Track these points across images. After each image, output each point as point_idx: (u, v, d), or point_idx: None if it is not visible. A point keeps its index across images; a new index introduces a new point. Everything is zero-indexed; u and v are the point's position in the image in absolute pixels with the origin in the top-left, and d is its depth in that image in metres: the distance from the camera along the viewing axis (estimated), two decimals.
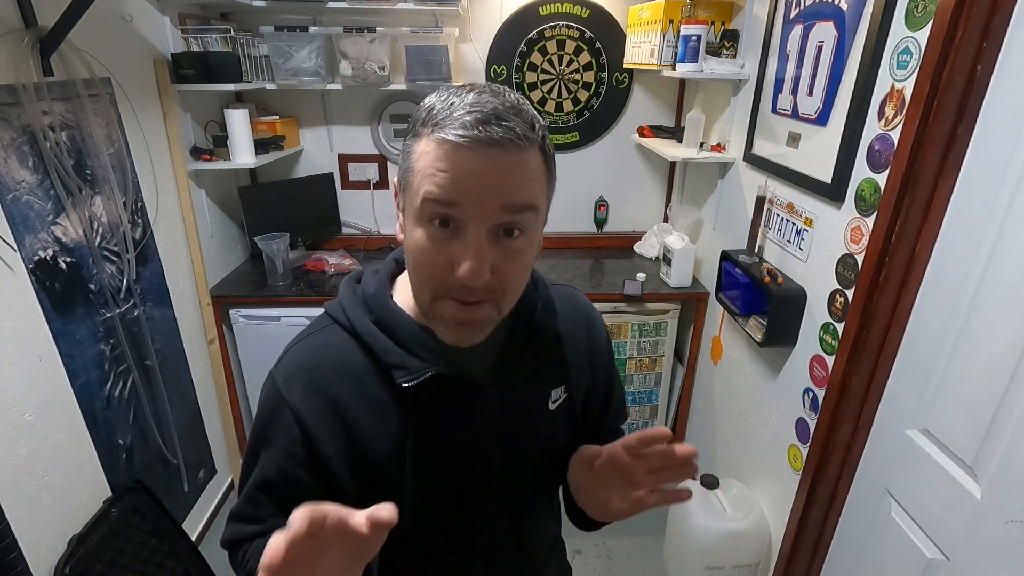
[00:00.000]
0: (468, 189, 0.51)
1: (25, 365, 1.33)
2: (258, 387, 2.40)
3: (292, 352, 0.68)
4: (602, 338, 0.80)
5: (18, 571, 1.25)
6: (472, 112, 0.50)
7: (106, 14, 1.62)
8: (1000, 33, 1.01)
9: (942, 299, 1.15)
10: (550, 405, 0.72)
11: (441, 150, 0.51)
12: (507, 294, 0.57)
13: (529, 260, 0.58)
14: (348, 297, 0.68)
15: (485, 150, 0.50)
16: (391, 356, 0.62)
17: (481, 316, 0.57)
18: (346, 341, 0.65)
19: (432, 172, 0.51)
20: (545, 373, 0.72)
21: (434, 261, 0.54)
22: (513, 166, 0.52)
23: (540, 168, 0.55)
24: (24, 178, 1.33)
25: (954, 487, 1.11)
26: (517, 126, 0.51)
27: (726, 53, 1.95)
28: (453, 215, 0.52)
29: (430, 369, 0.61)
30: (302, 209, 2.52)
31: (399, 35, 2.19)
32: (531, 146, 0.53)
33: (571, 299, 0.78)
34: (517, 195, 0.53)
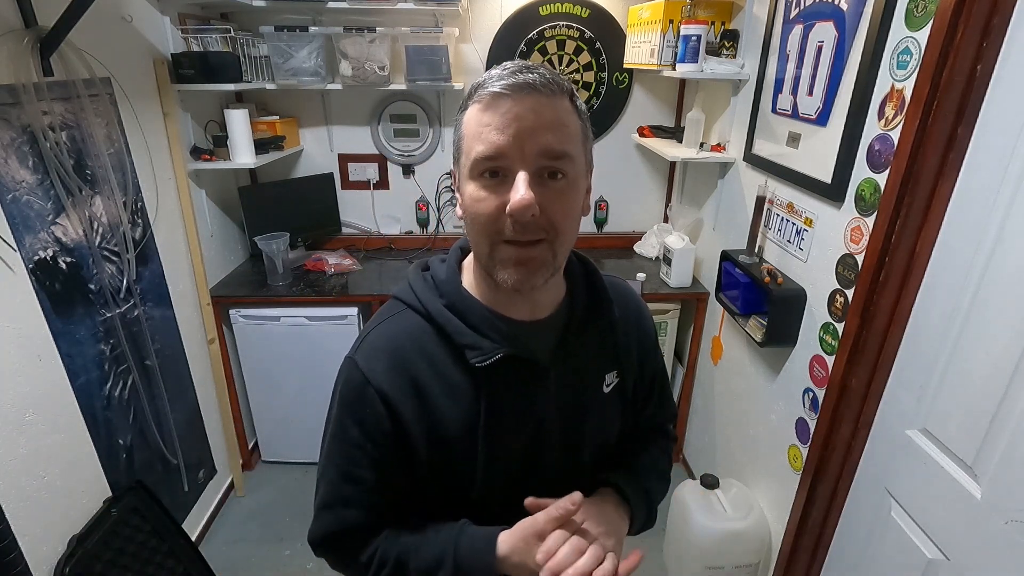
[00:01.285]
0: (509, 137, 0.57)
1: (25, 365, 1.33)
2: (258, 387, 2.39)
3: (371, 336, 0.71)
4: (650, 329, 0.85)
5: (18, 571, 1.25)
6: (506, 69, 0.59)
7: (106, 14, 1.62)
8: (1000, 33, 1.01)
9: (942, 299, 1.15)
10: (604, 388, 0.77)
11: (484, 106, 0.58)
12: (559, 234, 0.61)
13: (575, 202, 0.63)
14: (419, 283, 0.72)
15: (520, 94, 0.57)
16: (465, 337, 0.66)
17: (537, 255, 0.61)
18: (420, 324, 0.69)
19: (478, 131, 0.59)
20: (600, 357, 0.76)
21: (488, 208, 0.59)
22: (547, 107, 0.58)
23: (571, 115, 0.61)
24: (24, 178, 1.33)
25: (954, 487, 1.11)
26: (547, 73, 0.59)
27: (726, 53, 1.95)
28: (501, 166, 0.58)
29: (501, 350, 0.65)
30: (302, 209, 2.52)
31: (399, 35, 2.19)
32: (561, 92, 0.59)
33: (622, 289, 0.83)
34: (552, 140, 0.58)
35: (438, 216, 2.68)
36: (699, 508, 1.77)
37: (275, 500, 2.36)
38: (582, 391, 0.74)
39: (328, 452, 0.73)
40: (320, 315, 2.21)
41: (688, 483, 1.93)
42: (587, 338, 0.74)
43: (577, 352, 0.73)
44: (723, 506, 1.79)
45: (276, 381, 2.34)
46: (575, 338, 0.72)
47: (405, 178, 2.62)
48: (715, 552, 1.73)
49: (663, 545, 2.04)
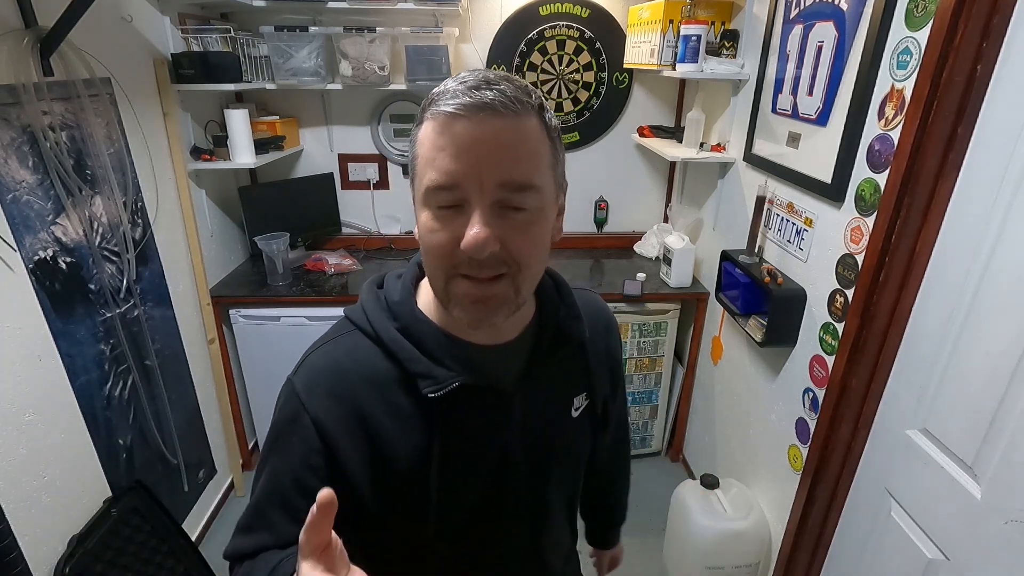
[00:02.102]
0: (465, 165, 0.50)
1: (25, 365, 1.33)
2: (258, 387, 2.39)
3: (312, 358, 0.66)
4: (617, 345, 0.81)
5: (18, 571, 1.25)
6: (464, 82, 0.51)
7: (106, 14, 1.62)
8: (1000, 33, 1.01)
9: (942, 299, 1.15)
10: (573, 413, 0.72)
11: (438, 127, 0.51)
12: (522, 269, 0.55)
13: (541, 235, 0.56)
14: (371, 303, 0.66)
15: (478, 116, 0.49)
16: (417, 365, 0.60)
17: (497, 292, 0.55)
18: (369, 348, 0.63)
19: (431, 156, 0.52)
20: (569, 381, 0.72)
21: (441, 240, 0.53)
22: (508, 131, 0.51)
23: (539, 137, 0.53)
24: (24, 178, 1.33)
25: (954, 487, 1.11)
26: (508, 89, 0.51)
27: (726, 53, 1.95)
28: (455, 197, 0.52)
29: (456, 379, 0.60)
30: (302, 209, 2.52)
31: (399, 35, 2.19)
32: (526, 111, 0.52)
33: (592, 304, 0.77)
34: (512, 171, 0.51)
35: None
36: (699, 508, 1.77)
37: None
38: (550, 418, 0.70)
39: (259, 470, 0.67)
40: (320, 315, 2.21)
41: (688, 483, 1.93)
42: (556, 361, 0.68)
43: (544, 377, 0.67)
44: (723, 506, 1.79)
45: (276, 381, 2.30)
46: (542, 362, 0.66)
47: (405, 178, 2.62)
48: (715, 552, 1.73)
49: (663, 545, 2.04)
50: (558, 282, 0.72)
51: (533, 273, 0.58)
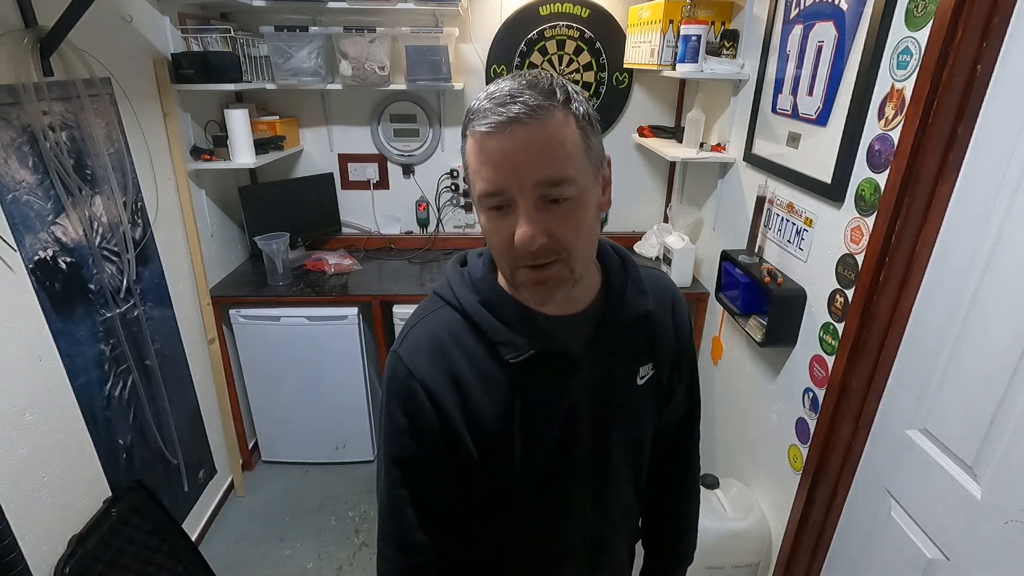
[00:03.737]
0: (505, 173, 0.57)
1: (25, 365, 1.33)
2: (258, 387, 2.40)
3: (413, 332, 0.74)
4: (685, 320, 0.84)
5: (18, 571, 1.25)
6: (492, 99, 0.58)
7: (106, 14, 1.62)
8: (1000, 33, 1.01)
9: (942, 299, 1.15)
10: (638, 381, 0.78)
11: (478, 145, 0.59)
12: (572, 252, 0.62)
13: (584, 219, 0.62)
14: (457, 280, 0.74)
15: (507, 130, 0.56)
16: (498, 334, 0.69)
17: (553, 274, 0.63)
18: (458, 320, 0.72)
19: (477, 169, 0.60)
20: (635, 350, 0.77)
21: (500, 239, 0.61)
22: (536, 137, 0.57)
23: (568, 131, 0.59)
24: (24, 178, 1.33)
25: (954, 487, 1.11)
26: (530, 98, 0.56)
27: (726, 53, 1.95)
28: (503, 200, 0.59)
29: (533, 346, 0.68)
30: (302, 209, 2.52)
31: (399, 35, 2.20)
32: (549, 112, 0.57)
33: (658, 280, 0.83)
34: (546, 170, 0.57)
35: (438, 216, 2.68)
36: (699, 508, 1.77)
37: (275, 500, 2.36)
38: (615, 383, 0.76)
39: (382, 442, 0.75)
40: (320, 315, 2.21)
41: None
42: (621, 331, 0.75)
43: (611, 345, 0.74)
44: (723, 506, 1.79)
45: (276, 381, 2.34)
46: (609, 331, 0.73)
47: (405, 178, 2.62)
48: (715, 552, 1.73)
49: None
50: (624, 259, 0.79)
51: (583, 253, 0.64)
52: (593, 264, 0.74)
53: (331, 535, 2.18)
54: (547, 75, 0.60)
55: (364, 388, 2.36)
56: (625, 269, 0.77)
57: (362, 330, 2.26)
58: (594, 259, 0.73)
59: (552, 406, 0.73)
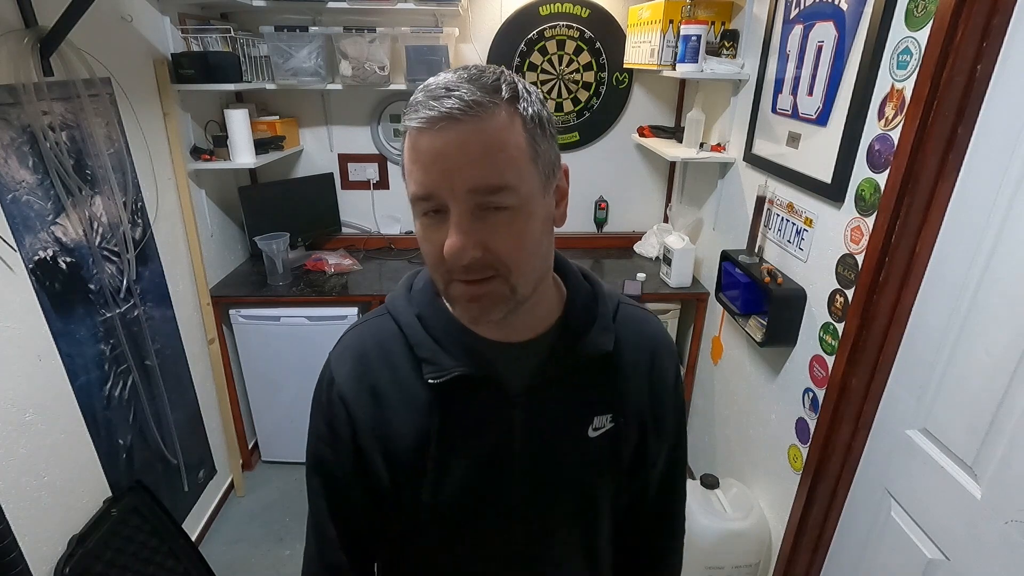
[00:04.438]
0: (436, 175, 0.51)
1: (25, 365, 1.33)
2: (258, 387, 2.39)
3: (346, 337, 0.71)
4: (669, 374, 0.72)
5: (18, 571, 1.25)
6: (427, 92, 0.51)
7: (106, 14, 1.62)
8: (1000, 33, 1.01)
9: (942, 299, 1.15)
10: (590, 432, 0.66)
11: (411, 141, 0.52)
12: (512, 268, 0.54)
13: (526, 232, 0.54)
14: (399, 289, 0.70)
15: (439, 126, 0.49)
16: (424, 351, 0.64)
17: (489, 291, 0.55)
18: (394, 331, 0.67)
19: (409, 169, 0.53)
20: (589, 395, 0.67)
21: (432, 249, 0.55)
22: (471, 136, 0.49)
23: (510, 133, 0.51)
24: (24, 178, 1.33)
25: (954, 487, 1.11)
26: (467, 93, 0.49)
27: (726, 53, 1.95)
28: (435, 205, 0.52)
29: (458, 369, 0.62)
30: (302, 209, 2.52)
31: (399, 35, 2.19)
32: (489, 110, 0.50)
33: (640, 323, 0.71)
34: (482, 175, 0.50)
35: None
36: (699, 508, 1.77)
37: (275, 500, 2.36)
38: (560, 428, 0.66)
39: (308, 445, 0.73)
40: (320, 315, 2.21)
41: (688, 483, 1.93)
42: (574, 370, 0.65)
43: (559, 384, 0.65)
44: (723, 506, 1.79)
45: (276, 381, 2.34)
46: (557, 366, 0.64)
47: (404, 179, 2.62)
48: (715, 552, 1.73)
49: None
50: (597, 291, 0.69)
51: (526, 270, 0.56)
52: (552, 287, 0.66)
53: None
54: (497, 70, 0.53)
55: None
56: (595, 302, 0.68)
57: None
58: (549, 280, 0.65)
59: (476, 439, 0.64)
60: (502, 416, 0.64)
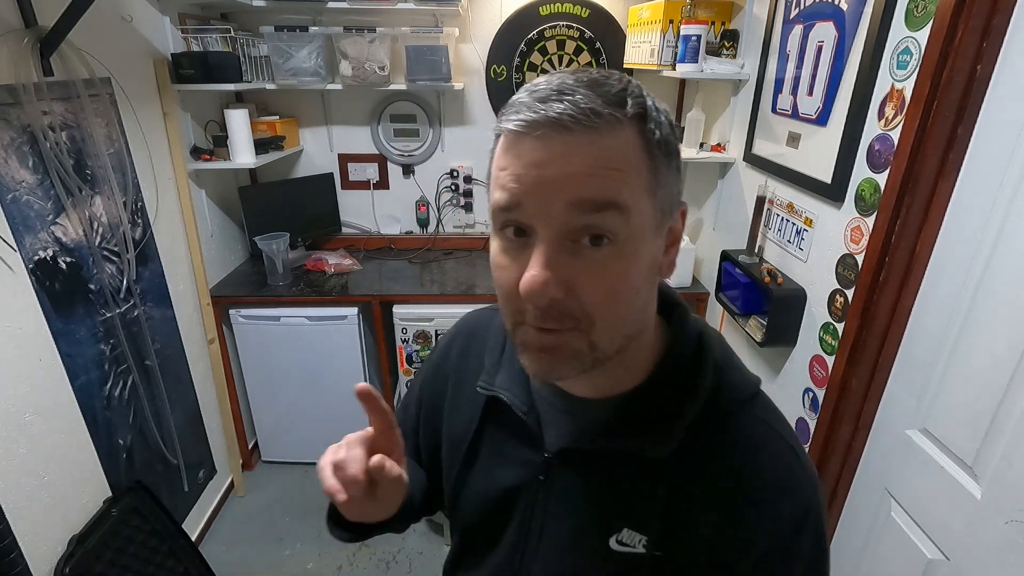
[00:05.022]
0: (529, 184, 0.42)
1: (25, 365, 1.33)
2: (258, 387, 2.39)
3: (479, 311, 0.71)
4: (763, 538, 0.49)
5: (18, 571, 1.25)
6: (531, 93, 0.43)
7: (106, 14, 1.62)
8: (1000, 33, 1.01)
9: (942, 299, 1.15)
10: (613, 543, 0.53)
11: (503, 143, 0.44)
12: (597, 321, 0.44)
13: (626, 276, 0.44)
14: None
15: (543, 133, 0.41)
16: (490, 357, 0.62)
17: (564, 343, 0.45)
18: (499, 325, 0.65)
19: (496, 175, 0.45)
20: (624, 497, 0.53)
21: (507, 280, 0.45)
22: (582, 149, 0.41)
23: (630, 154, 0.42)
24: (24, 178, 1.33)
25: (954, 487, 1.11)
26: (585, 100, 0.41)
27: (726, 53, 1.95)
28: (522, 220, 0.43)
29: (502, 392, 0.58)
30: (302, 209, 2.52)
31: (399, 35, 2.19)
32: (610, 124, 0.41)
33: (757, 449, 0.51)
34: (586, 187, 0.41)
35: (438, 216, 2.68)
36: None
37: (275, 500, 2.36)
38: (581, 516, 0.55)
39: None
40: (320, 315, 2.21)
41: None
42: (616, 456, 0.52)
43: (595, 463, 0.53)
44: None
45: (276, 381, 2.34)
46: (605, 445, 0.52)
47: (405, 178, 2.62)
48: None
49: None
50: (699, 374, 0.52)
51: (614, 326, 0.46)
52: (643, 347, 0.52)
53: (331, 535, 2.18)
54: (623, 78, 0.44)
55: None
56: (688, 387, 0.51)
57: (362, 330, 2.26)
58: (641, 340, 0.51)
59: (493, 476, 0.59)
60: (526, 463, 0.57)
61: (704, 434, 0.51)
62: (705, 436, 0.51)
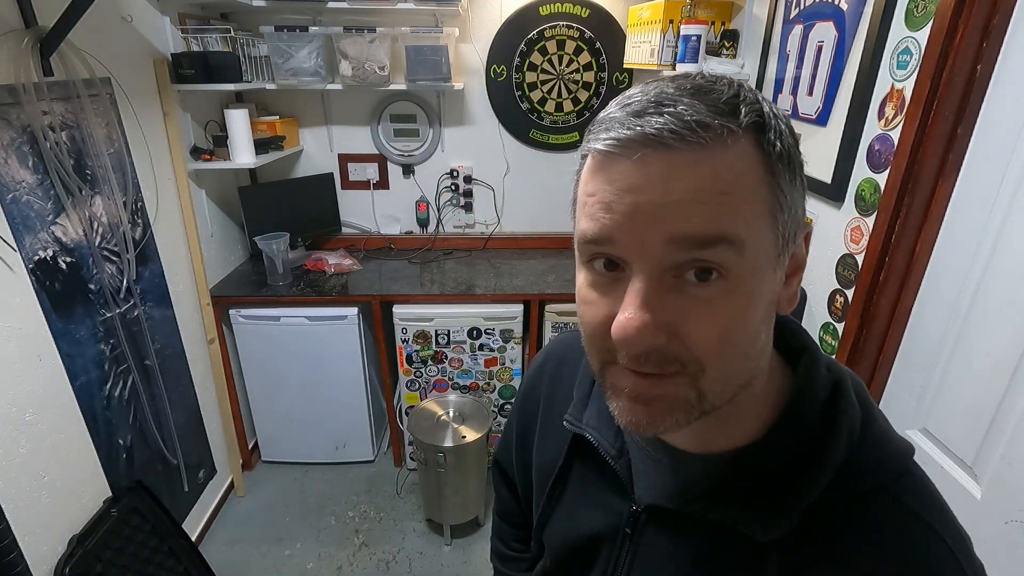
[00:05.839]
0: (622, 213, 0.36)
1: (25, 365, 1.33)
2: (258, 387, 2.40)
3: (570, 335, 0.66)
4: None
5: (18, 571, 1.25)
6: (628, 105, 0.36)
7: (106, 14, 1.62)
8: (1000, 33, 1.01)
9: (942, 299, 1.15)
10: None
11: (592, 164, 0.38)
12: (708, 367, 0.37)
13: (741, 315, 0.37)
14: None
15: (639, 151, 0.35)
16: (580, 389, 0.56)
17: (664, 392, 0.38)
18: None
19: (583, 201, 0.39)
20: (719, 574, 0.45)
21: (595, 317, 0.39)
22: (684, 171, 0.34)
23: (747, 172, 0.35)
24: (24, 178, 1.33)
25: (954, 487, 1.11)
26: (687, 111, 0.34)
27: (726, 53, 1.95)
28: (613, 254, 0.37)
29: (588, 431, 0.52)
30: (302, 209, 2.52)
31: (399, 35, 2.19)
32: (721, 139, 0.35)
33: (900, 547, 0.41)
34: (691, 217, 0.34)
35: (438, 216, 2.68)
36: None
37: (275, 500, 2.36)
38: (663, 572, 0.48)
39: None
40: (320, 315, 2.21)
41: None
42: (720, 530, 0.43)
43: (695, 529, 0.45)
44: None
45: (276, 381, 2.34)
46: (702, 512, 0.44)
47: (405, 178, 2.62)
48: None
49: None
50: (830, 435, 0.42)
51: (727, 372, 0.38)
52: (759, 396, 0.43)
53: (331, 535, 2.18)
54: (734, 83, 0.38)
55: (364, 388, 2.36)
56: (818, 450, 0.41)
57: (362, 330, 2.26)
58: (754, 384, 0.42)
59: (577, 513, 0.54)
60: (612, 511, 0.51)
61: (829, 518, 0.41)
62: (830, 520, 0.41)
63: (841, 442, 0.41)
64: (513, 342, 2.24)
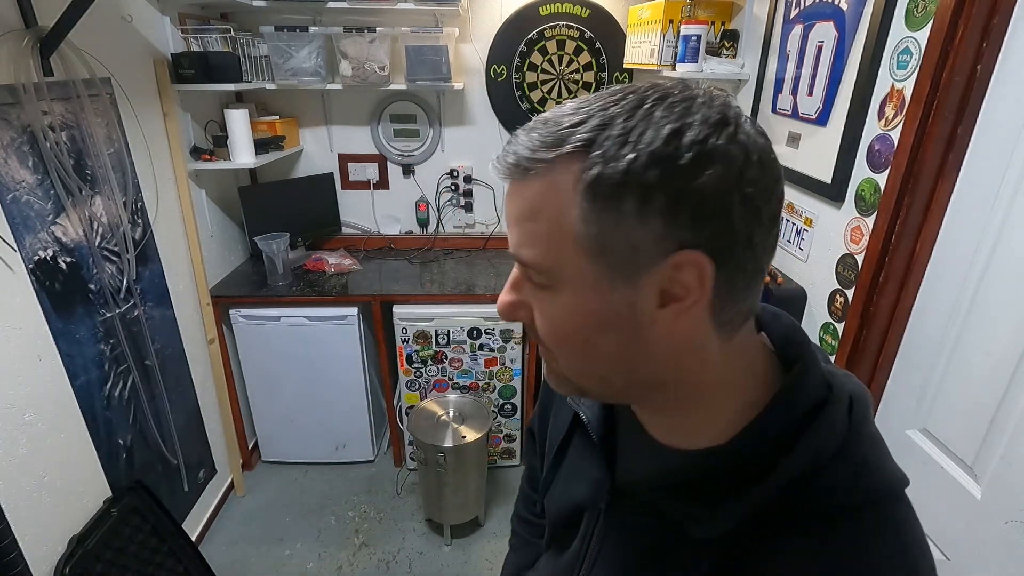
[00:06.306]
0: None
1: (25, 365, 1.33)
2: (258, 387, 2.40)
3: None
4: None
5: (18, 571, 1.25)
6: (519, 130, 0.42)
7: (106, 14, 1.62)
8: (1000, 33, 1.01)
9: (942, 299, 1.15)
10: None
11: None
12: (556, 354, 0.44)
13: (566, 323, 0.41)
14: None
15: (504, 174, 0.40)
16: None
17: (551, 365, 0.46)
18: None
19: None
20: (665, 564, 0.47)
21: None
22: (513, 197, 0.40)
23: (551, 201, 0.37)
24: (24, 178, 1.33)
25: (954, 487, 1.11)
26: (526, 146, 0.38)
27: (726, 53, 1.95)
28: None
29: (583, 409, 0.56)
30: (302, 209, 2.52)
31: (399, 35, 2.19)
32: (545, 167, 0.37)
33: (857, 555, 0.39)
34: (511, 239, 0.42)
35: (438, 216, 2.68)
36: None
37: (275, 500, 2.36)
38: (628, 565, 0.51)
39: None
40: (320, 315, 2.21)
41: None
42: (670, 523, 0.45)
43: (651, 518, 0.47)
44: None
45: (276, 381, 2.34)
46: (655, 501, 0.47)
47: (405, 178, 2.62)
48: None
49: None
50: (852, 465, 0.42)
51: (575, 366, 0.44)
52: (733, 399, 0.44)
53: (331, 535, 2.18)
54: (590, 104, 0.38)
55: (364, 388, 2.36)
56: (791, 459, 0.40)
57: (362, 330, 2.26)
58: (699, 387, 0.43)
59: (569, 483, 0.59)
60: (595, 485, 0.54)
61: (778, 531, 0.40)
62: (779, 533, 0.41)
63: (794, 462, 0.40)
64: (513, 342, 2.24)
